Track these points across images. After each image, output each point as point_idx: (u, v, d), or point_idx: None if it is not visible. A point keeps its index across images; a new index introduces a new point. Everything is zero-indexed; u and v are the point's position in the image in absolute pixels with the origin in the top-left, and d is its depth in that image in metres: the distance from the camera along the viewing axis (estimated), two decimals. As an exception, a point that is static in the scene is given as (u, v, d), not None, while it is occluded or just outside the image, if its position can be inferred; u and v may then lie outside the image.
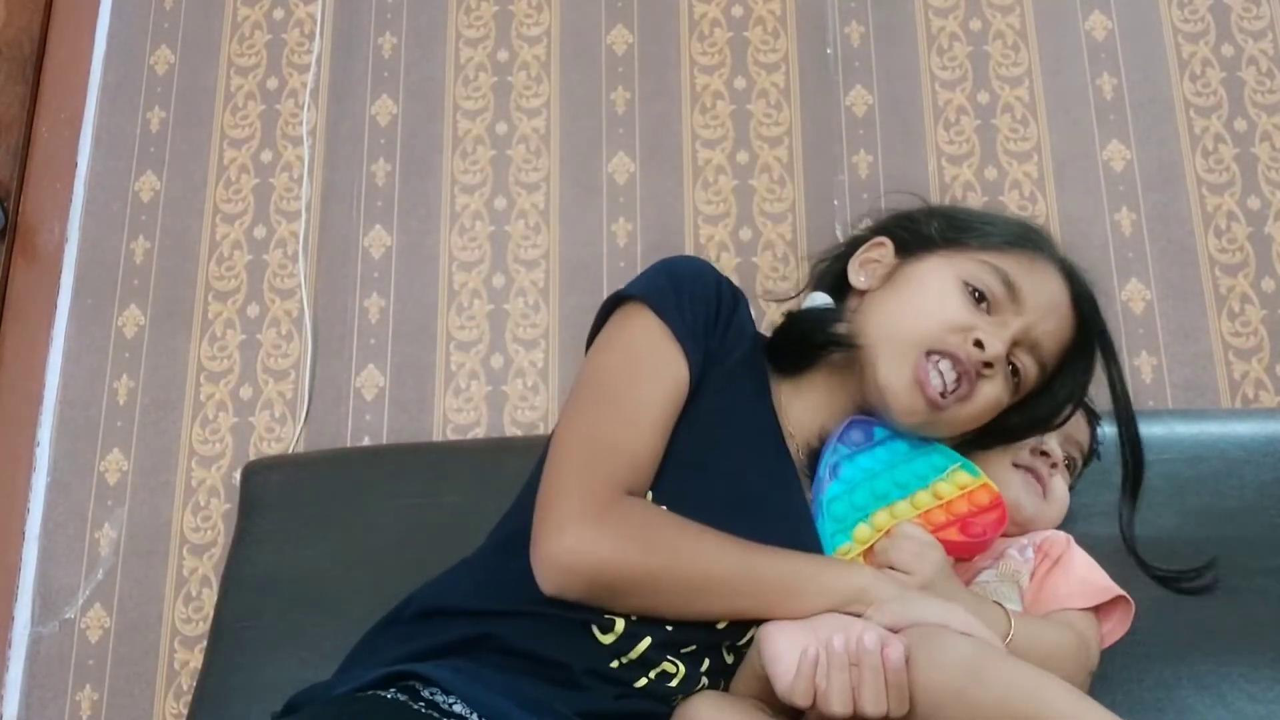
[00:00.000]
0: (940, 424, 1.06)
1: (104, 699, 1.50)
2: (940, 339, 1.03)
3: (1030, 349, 1.07)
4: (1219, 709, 1.20)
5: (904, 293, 1.08)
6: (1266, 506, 1.29)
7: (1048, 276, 1.10)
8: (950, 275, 1.07)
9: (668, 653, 0.97)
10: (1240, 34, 1.64)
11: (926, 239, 1.11)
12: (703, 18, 1.70)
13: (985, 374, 1.04)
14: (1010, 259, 1.08)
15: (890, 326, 1.06)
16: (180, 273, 1.66)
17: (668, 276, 1.06)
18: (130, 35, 1.77)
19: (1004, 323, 1.06)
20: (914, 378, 1.03)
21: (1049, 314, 1.08)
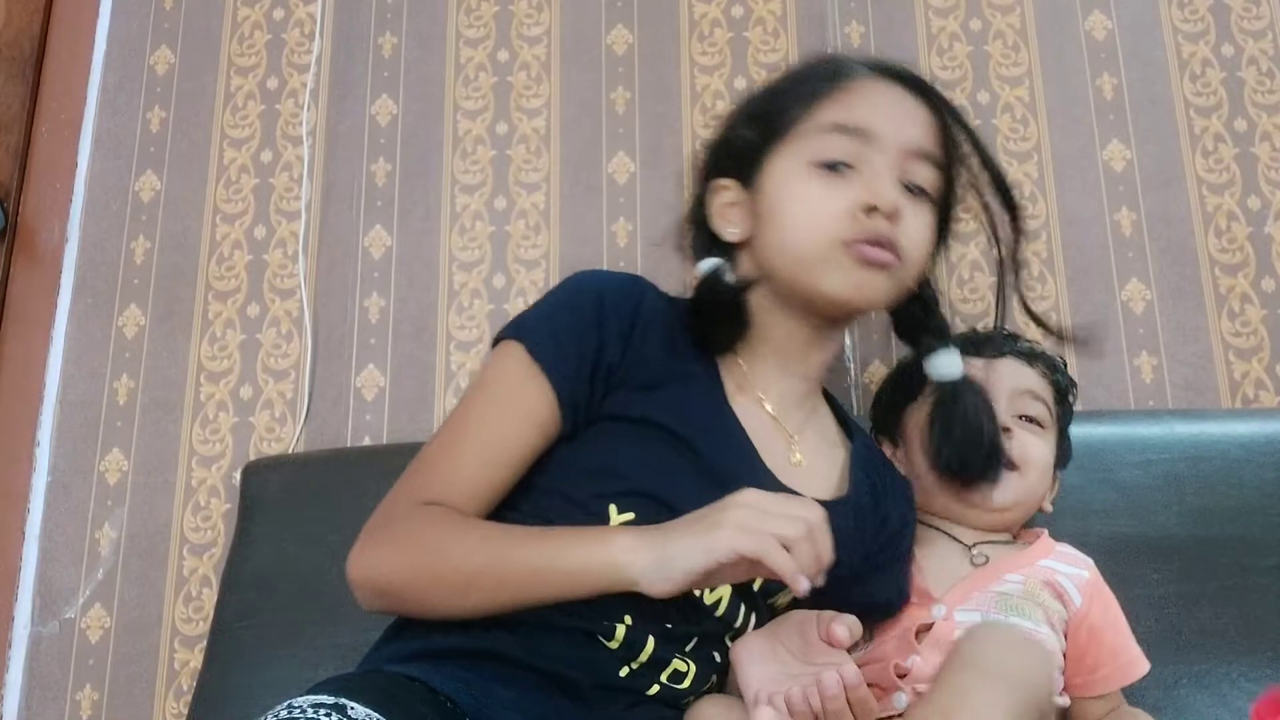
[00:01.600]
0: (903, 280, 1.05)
1: (104, 699, 1.50)
2: (840, 232, 1.01)
3: (912, 159, 1.05)
4: (1219, 708, 1.20)
5: (777, 215, 1.04)
6: (1266, 506, 1.29)
7: (874, 91, 1.07)
8: (799, 169, 1.04)
9: (675, 650, 0.96)
10: (1240, 34, 1.64)
11: (752, 152, 1.07)
12: (703, 18, 1.70)
13: (897, 221, 1.02)
14: (832, 106, 1.05)
15: (792, 251, 1.03)
16: (180, 273, 1.66)
17: (546, 302, 1.05)
18: (130, 35, 1.77)
19: (874, 166, 1.03)
20: (853, 263, 1.01)
21: (901, 120, 1.05)
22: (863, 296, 1.03)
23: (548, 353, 1.00)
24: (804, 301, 1.05)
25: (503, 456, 0.99)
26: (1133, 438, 1.35)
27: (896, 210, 1.01)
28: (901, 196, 1.02)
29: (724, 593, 0.98)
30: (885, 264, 1.01)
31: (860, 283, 1.01)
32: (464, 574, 0.93)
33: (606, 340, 1.01)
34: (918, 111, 1.07)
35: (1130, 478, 1.32)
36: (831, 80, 1.07)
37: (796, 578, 0.85)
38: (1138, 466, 1.33)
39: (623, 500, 0.97)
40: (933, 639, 1.07)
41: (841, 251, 1.00)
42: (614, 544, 0.91)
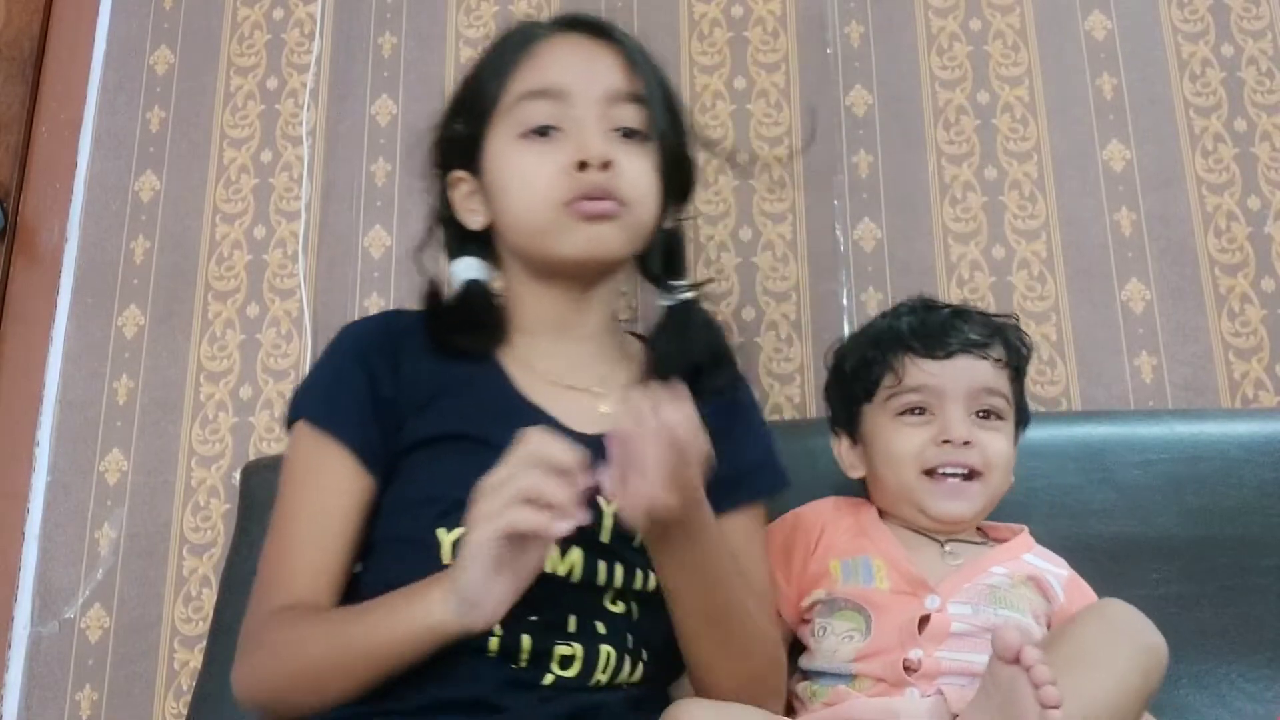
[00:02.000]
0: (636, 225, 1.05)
1: (104, 699, 1.50)
2: (557, 194, 1.02)
3: (614, 103, 1.05)
4: (1218, 708, 1.20)
5: (502, 194, 1.06)
6: (1266, 506, 1.29)
7: (559, 48, 1.08)
8: (510, 144, 1.05)
9: (554, 638, 0.94)
10: (1240, 34, 1.64)
11: (467, 137, 1.09)
12: (703, 18, 1.70)
13: (611, 169, 1.02)
14: (524, 74, 1.06)
15: (523, 225, 1.05)
16: (180, 273, 1.66)
17: (315, 372, 1.08)
18: (130, 35, 1.77)
19: (577, 122, 1.04)
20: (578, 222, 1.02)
21: (591, 68, 1.06)
22: (599, 251, 1.04)
23: (326, 415, 1.02)
24: (551, 270, 1.07)
25: (329, 534, 1.00)
26: (1133, 438, 1.35)
27: (606, 159, 1.01)
28: (612, 144, 1.03)
29: (574, 559, 0.96)
30: (607, 214, 1.02)
31: (591, 238, 1.03)
32: (316, 671, 0.93)
33: (375, 377, 1.02)
34: (607, 56, 1.08)
35: (1130, 478, 1.32)
36: (519, 49, 1.08)
37: (550, 527, 0.82)
38: (1138, 466, 1.33)
39: (446, 519, 0.95)
40: (931, 632, 1.07)
41: (564, 213, 1.02)
42: (429, 602, 0.88)
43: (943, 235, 1.58)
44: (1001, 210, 1.59)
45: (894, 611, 1.10)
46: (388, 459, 1.01)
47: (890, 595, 1.11)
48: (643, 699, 0.99)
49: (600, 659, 0.96)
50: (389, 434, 1.02)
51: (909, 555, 1.13)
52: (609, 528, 0.98)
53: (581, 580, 0.97)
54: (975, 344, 1.17)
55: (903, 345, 1.18)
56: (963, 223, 1.59)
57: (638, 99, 1.06)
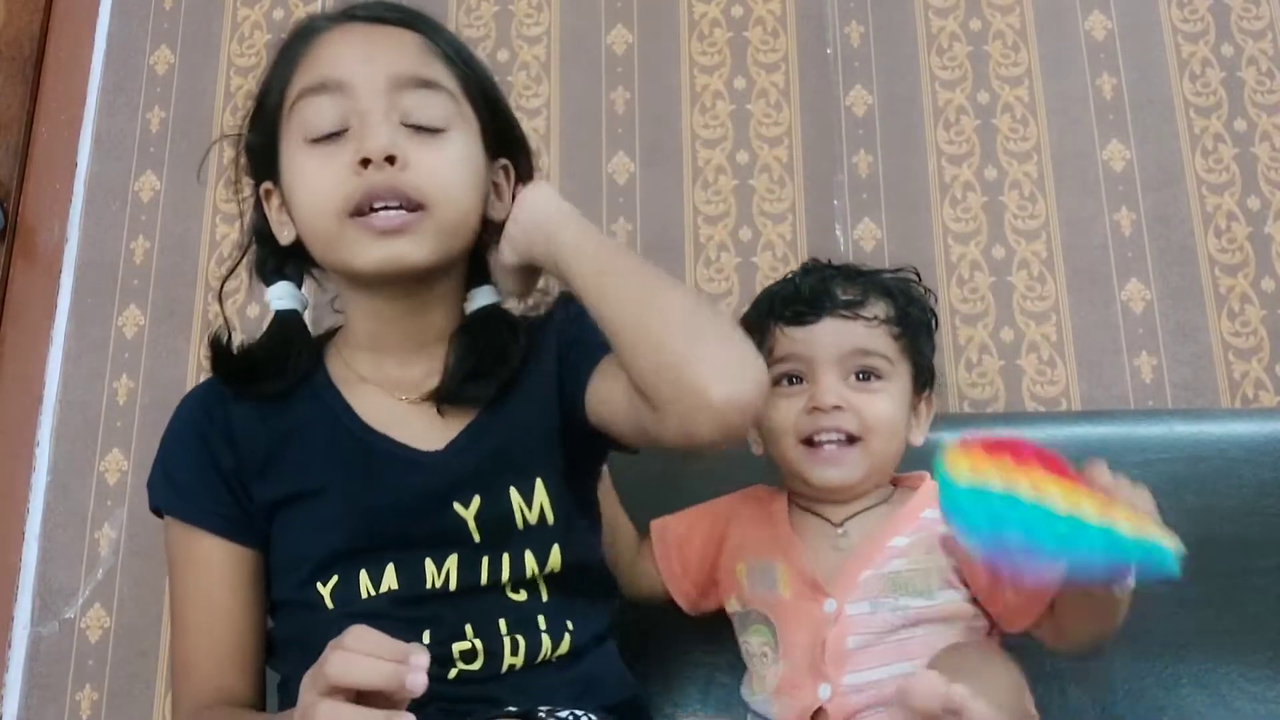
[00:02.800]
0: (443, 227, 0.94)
1: (104, 699, 1.50)
2: (340, 202, 0.92)
3: (401, 91, 0.95)
4: (1219, 708, 1.20)
5: (293, 206, 0.98)
6: (1266, 506, 1.29)
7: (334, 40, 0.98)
8: (296, 149, 0.96)
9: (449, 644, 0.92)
10: (1240, 34, 1.64)
11: (263, 146, 1.00)
12: (703, 18, 1.70)
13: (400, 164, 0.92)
14: (301, 72, 0.97)
15: (314, 238, 0.96)
16: (180, 273, 1.65)
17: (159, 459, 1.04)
18: (130, 35, 1.77)
19: (361, 117, 0.94)
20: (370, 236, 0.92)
21: (369, 55, 0.96)
22: (396, 266, 0.94)
23: (180, 506, 1.00)
24: (360, 283, 0.99)
25: (219, 618, 0.99)
26: (1133, 438, 1.35)
27: (390, 152, 0.91)
28: (401, 137, 0.93)
29: (449, 566, 0.94)
30: (401, 226, 0.92)
31: (390, 255, 0.93)
32: None
33: (213, 452, 0.99)
34: (390, 40, 0.98)
35: (1130, 478, 1.32)
36: (300, 46, 1.00)
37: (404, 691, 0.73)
38: (1138, 466, 1.32)
39: (321, 575, 0.95)
40: (830, 656, 1.05)
41: (353, 227, 0.92)
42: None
43: (943, 235, 1.58)
44: (1001, 210, 1.59)
45: (797, 621, 1.08)
46: (256, 525, 0.99)
47: (792, 602, 1.09)
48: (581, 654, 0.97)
49: (505, 648, 0.93)
50: (244, 504, 0.98)
51: (806, 550, 1.11)
52: (475, 526, 0.95)
53: (462, 586, 0.94)
54: (844, 304, 1.13)
55: (772, 314, 1.16)
56: (963, 223, 1.59)
57: (429, 84, 0.96)
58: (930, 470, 1.02)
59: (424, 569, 0.94)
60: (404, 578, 0.94)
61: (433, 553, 0.94)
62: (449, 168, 0.95)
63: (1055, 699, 1.20)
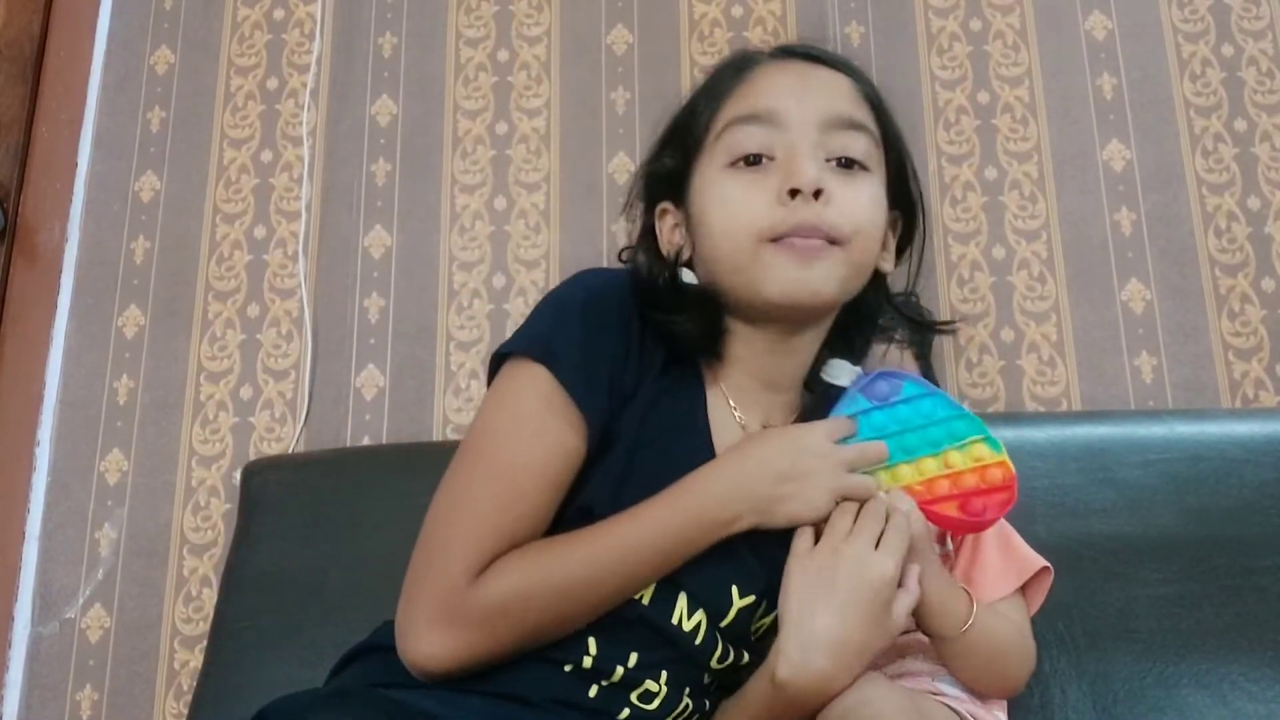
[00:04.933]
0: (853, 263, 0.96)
1: (104, 699, 1.50)
2: (763, 226, 0.93)
3: (831, 130, 0.96)
4: (1219, 708, 1.20)
5: (705, 225, 0.97)
6: (1266, 506, 1.29)
7: (774, 73, 1.00)
8: (718, 174, 0.97)
9: (646, 674, 0.93)
10: (1240, 34, 1.64)
11: (679, 170, 1.01)
12: (703, 18, 1.70)
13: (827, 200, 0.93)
14: (736, 102, 0.99)
15: (725, 259, 0.96)
16: (180, 273, 1.66)
17: (563, 315, 0.96)
18: (130, 35, 1.77)
19: (790, 148, 0.95)
20: (787, 260, 0.93)
21: (807, 93, 0.98)
22: (808, 292, 0.94)
23: (580, 382, 0.93)
24: (756, 310, 0.98)
25: (550, 496, 0.94)
26: (1133, 438, 1.35)
27: (819, 186, 0.93)
28: (826, 172, 0.95)
29: (700, 619, 0.95)
30: (817, 252, 0.93)
31: (801, 280, 0.93)
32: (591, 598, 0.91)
33: (625, 363, 0.96)
34: (826, 81, 1.00)
35: (1130, 478, 1.32)
36: (734, 77, 1.01)
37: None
38: (1138, 466, 1.33)
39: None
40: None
41: (771, 251, 0.93)
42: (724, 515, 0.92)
43: (943, 235, 1.58)
44: (1001, 210, 1.59)
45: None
46: (598, 442, 0.95)
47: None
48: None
49: (679, 705, 0.95)
50: (612, 422, 0.95)
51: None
52: (734, 614, 0.96)
53: (701, 644, 0.95)
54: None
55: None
56: (963, 223, 1.59)
57: (857, 126, 0.98)
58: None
59: (676, 604, 0.94)
60: (657, 602, 0.94)
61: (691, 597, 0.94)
62: (867, 206, 0.97)
63: (1055, 699, 1.21)
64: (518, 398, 0.94)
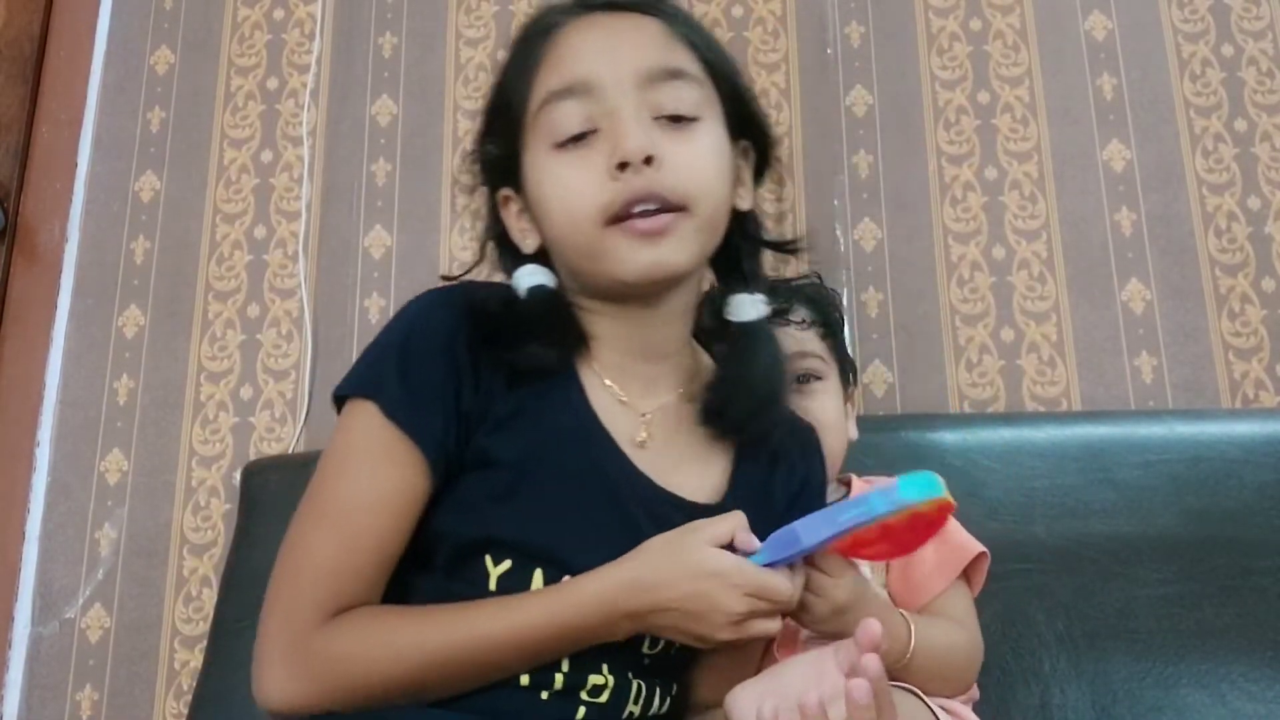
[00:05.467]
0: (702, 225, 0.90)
1: (104, 699, 1.50)
2: (600, 208, 0.88)
3: (651, 85, 0.90)
4: (1219, 708, 1.20)
5: (544, 214, 0.92)
6: (1266, 506, 1.30)
7: (577, 34, 0.93)
8: (544, 156, 0.91)
9: (587, 672, 0.91)
10: (1240, 34, 1.64)
11: (506, 155, 0.96)
12: (703, 18, 1.70)
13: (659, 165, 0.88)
14: (545, 74, 0.92)
15: (571, 247, 0.91)
16: (180, 273, 1.66)
17: (386, 350, 0.93)
18: (130, 35, 1.77)
19: (611, 116, 0.89)
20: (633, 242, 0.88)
21: (616, 49, 0.91)
22: (663, 271, 0.90)
23: (407, 412, 0.90)
24: (617, 291, 0.93)
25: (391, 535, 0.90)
26: (1133, 438, 1.35)
27: (648, 153, 0.87)
28: (656, 133, 0.89)
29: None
30: (665, 229, 0.88)
31: (654, 260, 0.88)
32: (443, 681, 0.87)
33: (460, 383, 0.91)
34: (634, 30, 0.93)
35: (1130, 478, 1.32)
36: (538, 44, 0.94)
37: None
38: (1138, 466, 1.33)
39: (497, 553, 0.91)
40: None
41: (615, 234, 0.88)
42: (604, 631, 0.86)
43: (943, 235, 1.58)
44: (1001, 210, 1.59)
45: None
46: (455, 467, 0.92)
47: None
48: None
49: (632, 690, 0.92)
50: (460, 445, 0.91)
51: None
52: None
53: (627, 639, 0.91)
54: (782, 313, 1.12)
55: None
56: (963, 223, 1.59)
57: (677, 74, 0.91)
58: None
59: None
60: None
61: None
62: (705, 162, 0.91)
63: (1055, 699, 1.21)
64: (349, 437, 0.92)
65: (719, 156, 0.93)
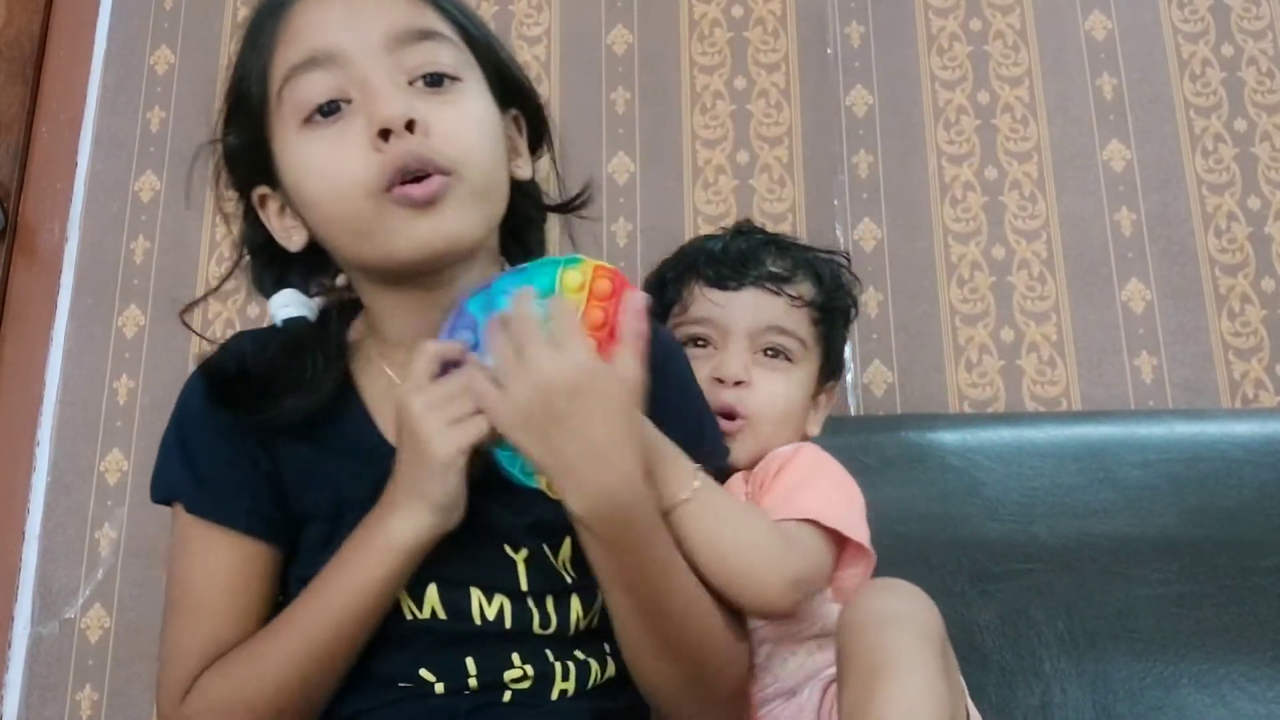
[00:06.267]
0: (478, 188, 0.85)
1: (104, 699, 1.50)
2: (366, 179, 0.82)
3: (401, 47, 0.85)
4: (1219, 708, 1.20)
5: (304, 198, 0.87)
6: (1266, 506, 1.30)
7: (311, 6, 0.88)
8: (294, 137, 0.86)
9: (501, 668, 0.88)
10: (1240, 34, 1.64)
11: (252, 145, 0.91)
12: (703, 18, 1.70)
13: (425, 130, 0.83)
14: (283, 49, 0.87)
15: (339, 227, 0.86)
16: (180, 273, 1.65)
17: (168, 448, 0.94)
18: (130, 35, 1.77)
19: (362, 84, 0.84)
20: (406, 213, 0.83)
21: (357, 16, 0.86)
22: (444, 241, 0.84)
23: (202, 500, 0.90)
24: (397, 273, 0.87)
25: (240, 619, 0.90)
26: (1133, 438, 1.35)
27: (409, 117, 0.82)
28: (414, 98, 0.84)
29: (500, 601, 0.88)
30: (434, 193, 0.82)
31: (432, 229, 0.83)
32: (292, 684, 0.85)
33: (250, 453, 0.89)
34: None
35: (1130, 478, 1.32)
36: (273, 21, 0.89)
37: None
38: (1138, 466, 1.33)
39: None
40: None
41: (387, 206, 0.82)
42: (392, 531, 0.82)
43: (943, 235, 1.58)
44: (1001, 210, 1.59)
45: None
46: (289, 527, 0.90)
47: None
48: (621, 682, 0.93)
49: (557, 673, 0.89)
50: (278, 503, 0.89)
51: None
52: (524, 575, 0.89)
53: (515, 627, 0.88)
54: (770, 277, 1.08)
55: (695, 272, 1.10)
56: (963, 223, 1.59)
57: (429, 34, 0.86)
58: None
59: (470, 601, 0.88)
60: (449, 606, 0.88)
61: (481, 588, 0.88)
62: (471, 123, 0.86)
63: (1055, 699, 1.21)
64: (176, 541, 0.93)
65: (486, 119, 0.88)
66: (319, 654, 0.85)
